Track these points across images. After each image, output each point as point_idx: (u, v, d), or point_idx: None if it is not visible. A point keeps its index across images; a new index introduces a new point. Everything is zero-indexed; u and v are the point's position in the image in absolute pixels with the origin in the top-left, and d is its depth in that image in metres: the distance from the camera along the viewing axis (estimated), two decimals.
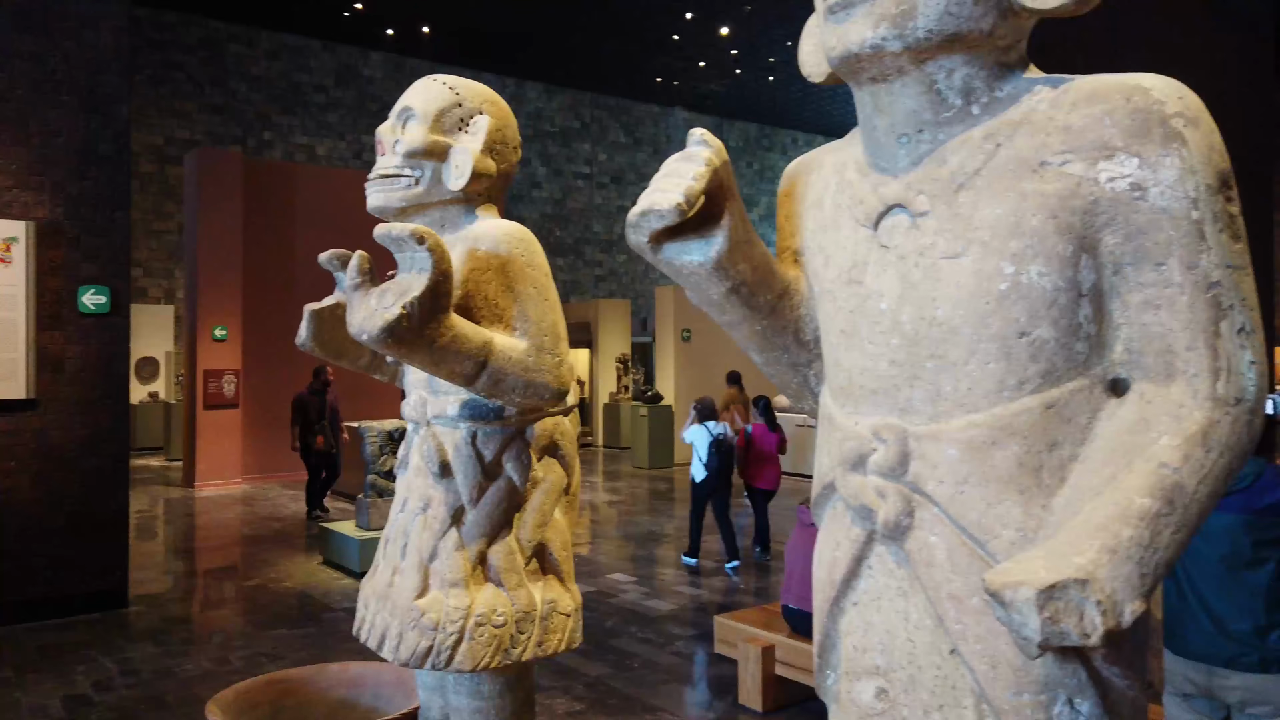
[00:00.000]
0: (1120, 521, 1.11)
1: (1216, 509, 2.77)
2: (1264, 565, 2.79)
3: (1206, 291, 1.18)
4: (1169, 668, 3.00)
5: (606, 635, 6.36)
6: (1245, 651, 2.79)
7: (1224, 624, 2.82)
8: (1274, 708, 2.78)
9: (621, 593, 7.55)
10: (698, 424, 8.41)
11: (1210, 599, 2.85)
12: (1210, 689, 2.88)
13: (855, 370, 1.40)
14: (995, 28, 1.26)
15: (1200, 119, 1.21)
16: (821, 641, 1.49)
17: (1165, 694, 3.06)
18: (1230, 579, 2.82)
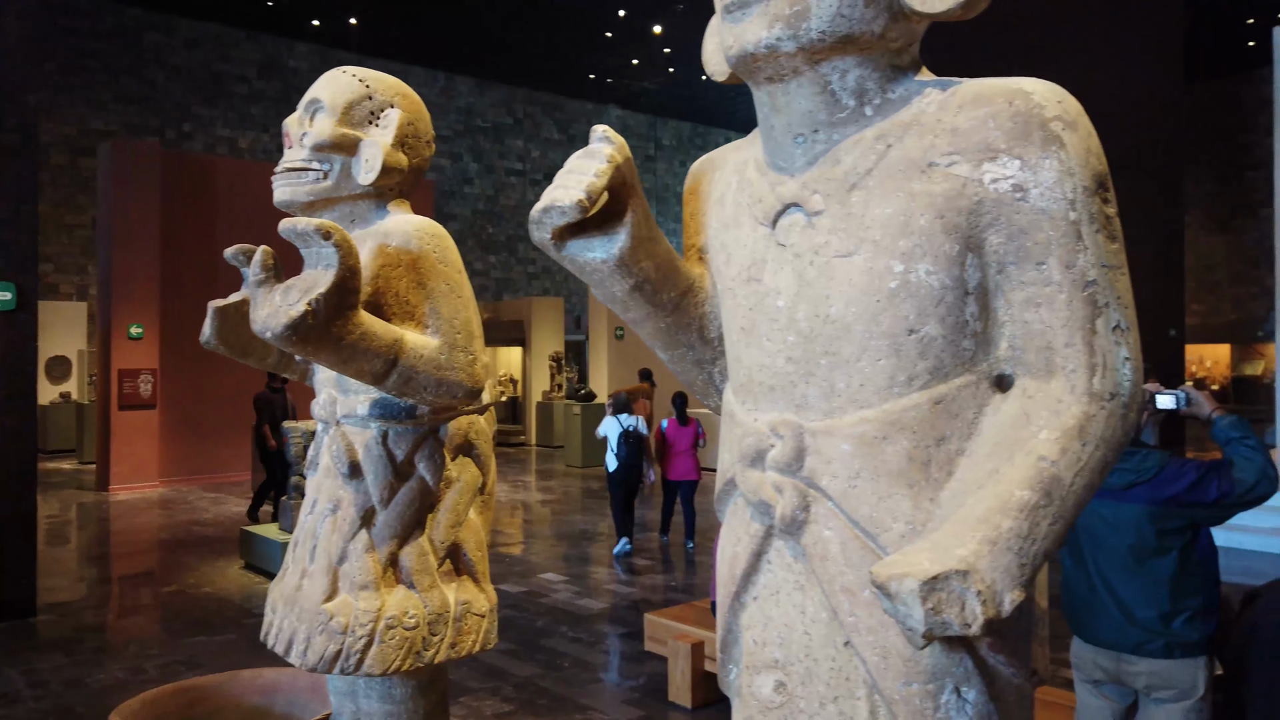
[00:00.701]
0: (1000, 514, 1.14)
1: (1123, 500, 2.91)
2: (1168, 554, 2.89)
3: (1083, 290, 1.22)
4: (1080, 655, 3.10)
5: (537, 635, 6.33)
6: (1151, 638, 2.89)
7: (1131, 612, 2.92)
8: (1178, 691, 2.89)
9: (553, 592, 7.52)
10: (610, 416, 8.94)
11: (1118, 588, 2.95)
12: (1119, 675, 2.99)
13: (754, 367, 1.42)
14: (887, 30, 1.29)
15: (1078, 122, 1.25)
16: (724, 637, 1.50)
17: (1076, 681, 3.16)
18: (1137, 568, 2.92)
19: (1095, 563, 3.01)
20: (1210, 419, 2.98)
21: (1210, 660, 2.94)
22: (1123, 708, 3.07)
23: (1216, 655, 3.06)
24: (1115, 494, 2.94)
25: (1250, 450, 2.84)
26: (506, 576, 7.97)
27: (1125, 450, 2.89)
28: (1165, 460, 2.91)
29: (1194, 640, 2.87)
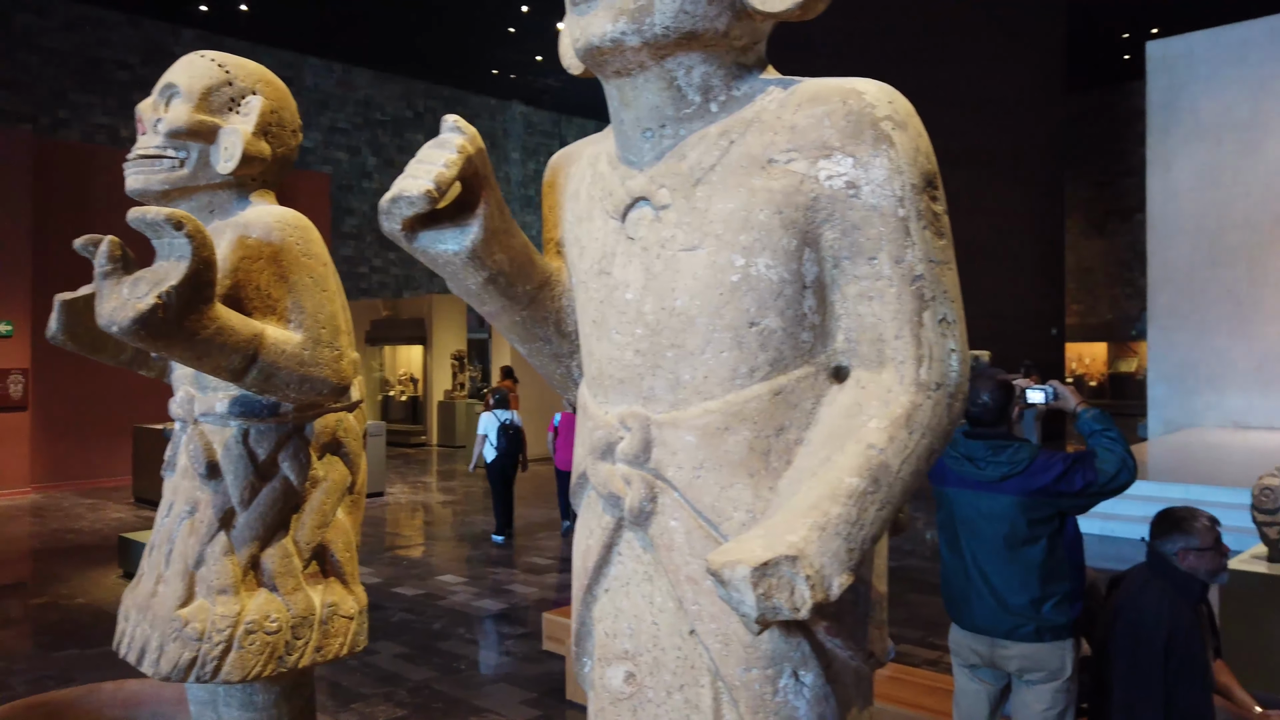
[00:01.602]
0: (830, 500, 1.17)
1: (997, 491, 3.01)
2: (1038, 542, 3.01)
3: (911, 284, 1.26)
4: (957, 641, 3.21)
5: (433, 638, 6.21)
6: (1023, 623, 3.00)
7: (1004, 598, 3.03)
8: (1048, 672, 3.01)
9: (451, 594, 7.40)
10: (488, 412, 9.53)
11: (992, 576, 3.05)
12: (993, 659, 3.09)
13: (605, 360, 1.43)
14: (730, 28, 1.31)
15: (908, 123, 1.30)
16: (578, 630, 1.52)
17: (954, 666, 3.27)
18: (1009, 556, 3.03)
19: (972, 553, 3.11)
20: (1075, 412, 3.11)
21: (1077, 642, 3.08)
22: (997, 690, 3.18)
23: (1084, 637, 3.20)
24: (990, 486, 3.04)
25: (1111, 441, 2.98)
26: (404, 579, 7.81)
27: (999, 445, 3.02)
28: (1035, 453, 3.02)
29: (1062, 624, 2.99)
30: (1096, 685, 3.12)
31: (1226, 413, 13.34)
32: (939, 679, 4.07)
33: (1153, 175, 14.29)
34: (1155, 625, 2.90)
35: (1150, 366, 14.55)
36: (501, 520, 9.50)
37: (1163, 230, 14.10)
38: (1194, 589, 2.99)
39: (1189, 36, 14.09)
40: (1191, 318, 13.71)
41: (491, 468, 9.46)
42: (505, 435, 9.39)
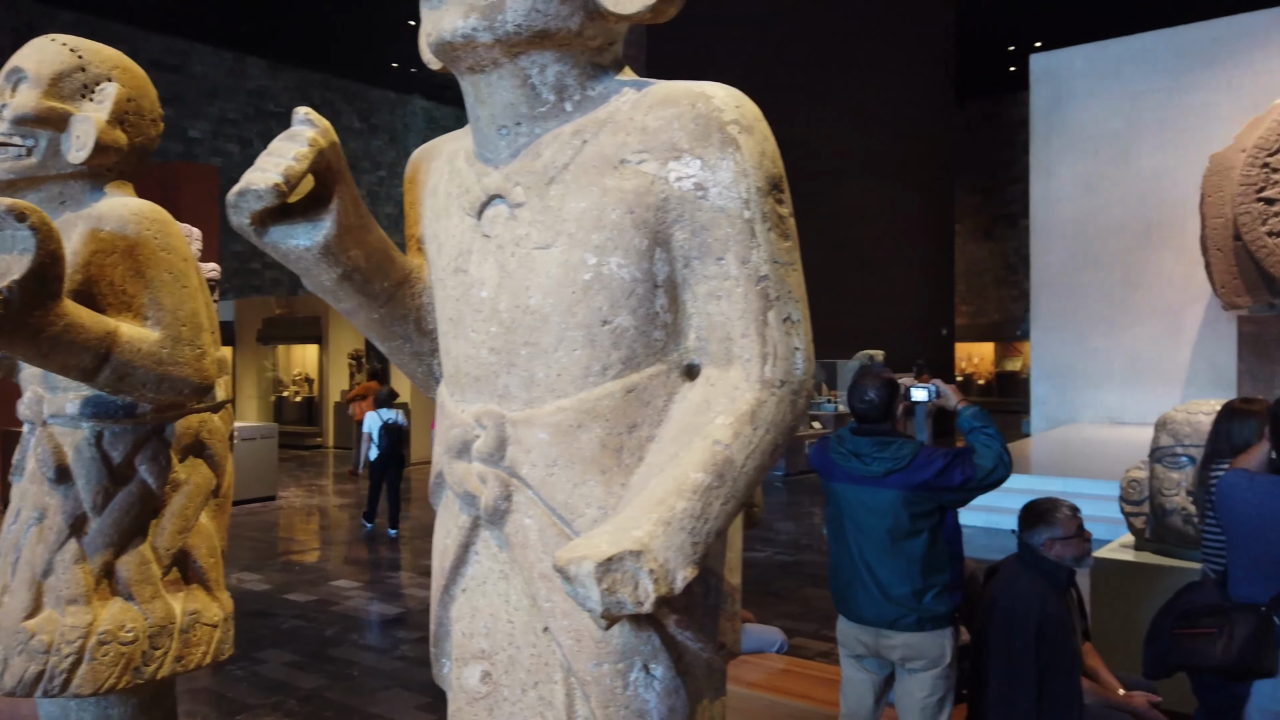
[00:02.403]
0: (676, 495, 1.19)
1: (881, 486, 3.08)
2: (920, 535, 3.10)
3: (757, 284, 1.29)
4: (844, 632, 3.28)
5: (325, 645, 6.03)
6: (905, 613, 3.08)
7: (887, 590, 3.11)
8: (929, 660, 3.10)
9: (345, 599, 7.21)
10: (372, 411, 9.85)
11: (876, 568, 3.13)
12: (878, 649, 3.17)
13: (461, 358, 1.43)
14: (584, 28, 1.32)
15: (755, 127, 1.32)
16: (436, 631, 1.51)
17: (841, 656, 3.34)
18: (893, 549, 3.11)
19: (858, 546, 3.18)
20: (956, 410, 3.21)
21: (956, 631, 3.18)
22: (881, 679, 3.26)
23: (964, 625, 3.31)
24: (875, 481, 3.11)
25: (989, 438, 3.08)
26: (295, 585, 7.57)
27: (884, 441, 3.10)
28: (918, 449, 3.11)
29: (942, 613, 3.09)
30: (975, 671, 3.24)
31: (1102, 409, 14.04)
32: (829, 670, 4.15)
33: (1035, 183, 14.92)
34: (1027, 613, 3.02)
35: (1033, 365, 15.21)
36: (373, 510, 9.82)
37: (1044, 235, 14.74)
38: (1061, 577, 3.13)
39: (1069, 51, 14.76)
40: (1071, 319, 14.38)
41: (374, 466, 9.70)
42: (387, 434, 9.64)
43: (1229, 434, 3.43)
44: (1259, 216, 11.45)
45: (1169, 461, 4.44)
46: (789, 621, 6.04)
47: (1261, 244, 11.45)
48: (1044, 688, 3.02)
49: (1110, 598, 4.52)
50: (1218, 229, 12.01)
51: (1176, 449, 4.43)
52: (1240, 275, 11.88)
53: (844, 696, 3.34)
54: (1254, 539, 2.58)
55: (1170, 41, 13.73)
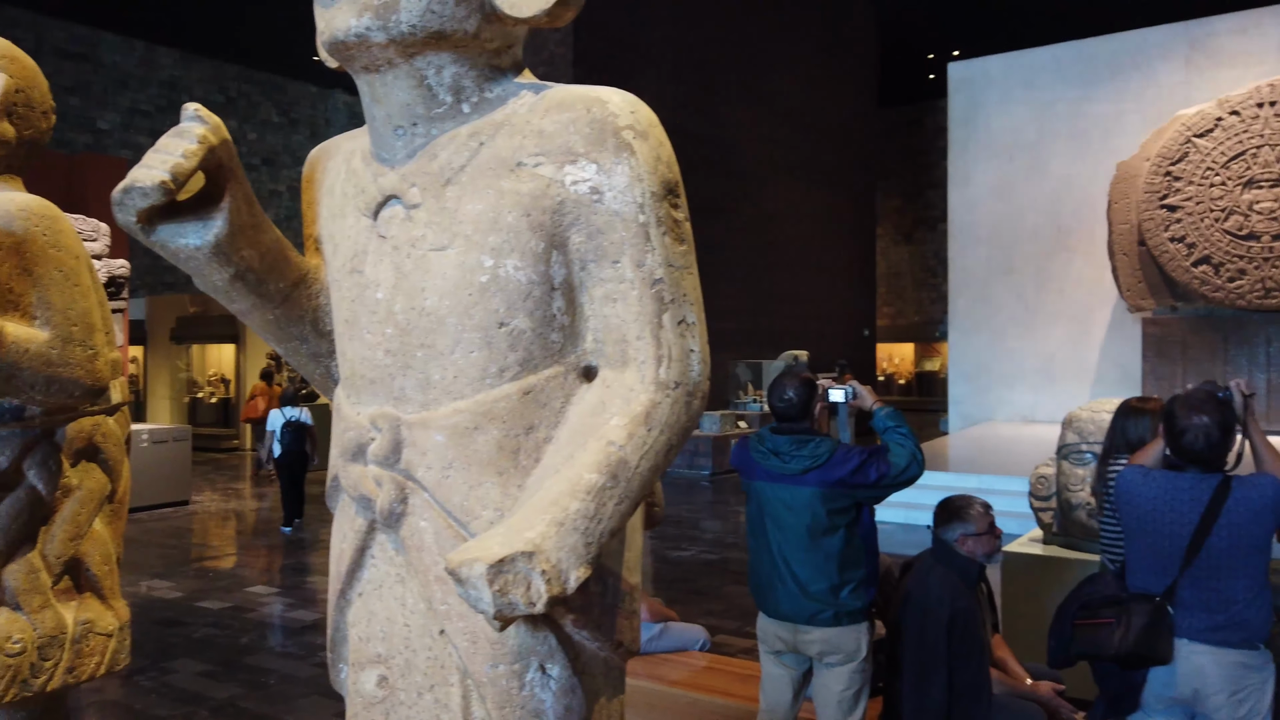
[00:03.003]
0: (569, 496, 1.20)
1: (799, 484, 3.12)
2: (837, 532, 3.14)
3: (651, 287, 1.31)
4: (764, 628, 3.31)
5: (240, 653, 5.86)
6: (822, 609, 3.13)
7: (805, 586, 3.15)
8: (845, 655, 3.15)
9: (261, 606, 7.02)
10: (276, 410, 9.96)
11: (794, 565, 3.17)
12: (796, 644, 3.21)
13: (357, 360, 1.42)
14: (481, 30, 1.32)
15: (650, 133, 1.34)
16: (332, 635, 1.50)
17: (761, 653, 3.37)
18: (811, 546, 3.15)
19: (777, 543, 3.22)
20: (872, 410, 3.27)
21: (871, 625, 3.24)
22: (800, 674, 3.31)
23: (880, 620, 3.38)
24: (793, 479, 3.15)
25: (902, 437, 3.15)
26: (209, 593, 7.35)
27: (802, 439, 3.14)
28: (835, 447, 3.16)
29: (858, 608, 3.14)
30: (890, 664, 3.30)
31: (1016, 408, 14.50)
32: (750, 666, 4.19)
33: (953, 188, 15.34)
34: (939, 607, 3.10)
35: (950, 366, 15.63)
36: (290, 512, 9.82)
37: (962, 239, 15.16)
38: (973, 572, 3.22)
39: (985, 60, 15.21)
40: (986, 320, 14.82)
41: (279, 464, 9.79)
42: (290, 432, 9.74)
43: (1125, 431, 3.57)
44: (1162, 223, 11.96)
45: (1075, 458, 4.60)
46: (713, 619, 6.09)
47: (1164, 249, 11.97)
48: (955, 679, 3.10)
49: (1020, 590, 4.66)
50: (1124, 234, 12.51)
51: (1082, 446, 4.59)
52: (1144, 279, 12.40)
53: (763, 692, 3.37)
54: (1149, 532, 2.69)
55: (1079, 53, 14.25)
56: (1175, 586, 2.63)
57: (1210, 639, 2.58)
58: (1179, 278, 11.93)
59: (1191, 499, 2.62)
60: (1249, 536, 2.56)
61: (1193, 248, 11.83)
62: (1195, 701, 2.61)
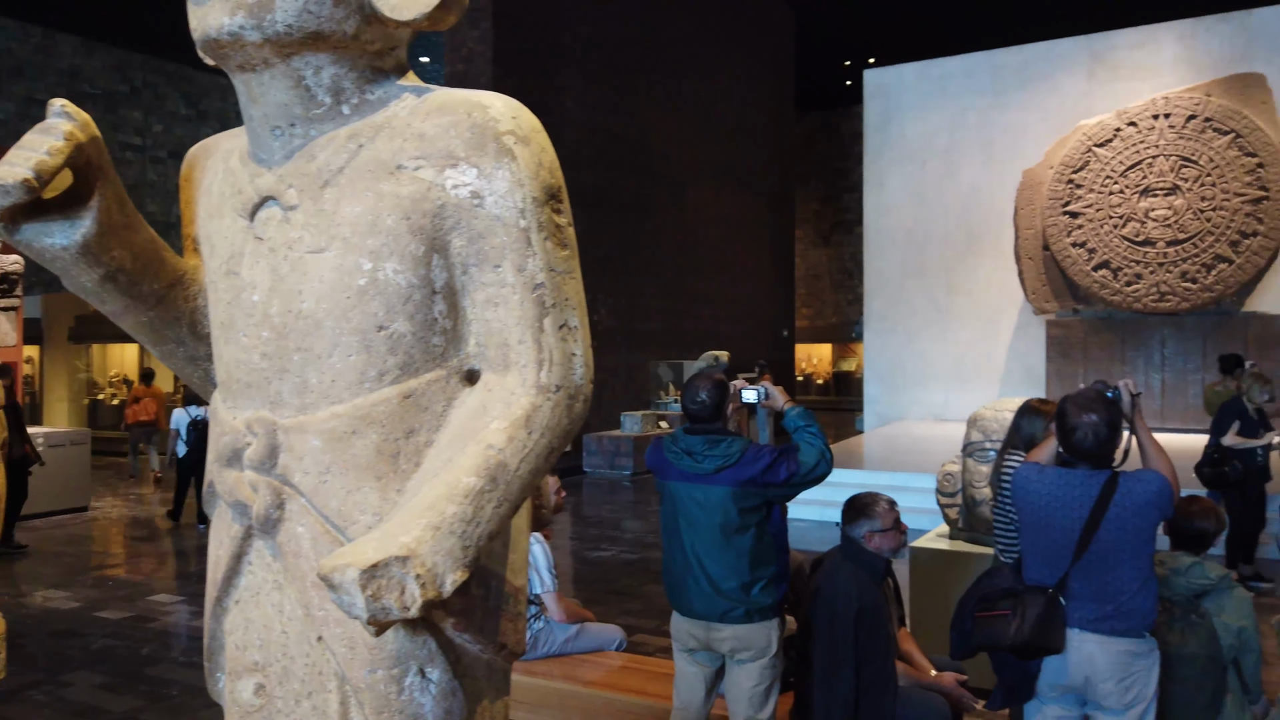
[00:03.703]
0: (447, 500, 1.20)
1: (712, 483, 3.16)
2: (748, 530, 3.19)
3: (533, 291, 1.32)
4: (677, 627, 3.34)
5: (142, 664, 5.66)
6: (734, 606, 3.17)
7: (718, 584, 3.18)
8: (756, 651, 3.20)
9: (165, 614, 6.78)
10: (181, 409, 10.00)
11: (707, 563, 3.20)
12: (709, 642, 3.24)
13: (233, 363, 1.40)
14: (360, 32, 1.31)
15: (531, 138, 1.35)
16: (209, 644, 1.48)
17: (675, 651, 3.39)
18: (724, 544, 3.18)
19: (690, 542, 3.24)
20: (783, 410, 3.32)
21: (782, 621, 3.29)
22: (713, 671, 3.34)
23: (792, 615, 3.43)
24: (706, 478, 3.18)
25: (812, 437, 3.21)
26: (109, 602, 7.07)
27: (714, 439, 3.17)
28: (746, 446, 3.20)
29: (768, 605, 3.19)
30: (801, 659, 3.36)
31: (929, 407, 14.91)
32: (666, 665, 4.21)
33: (868, 193, 15.70)
34: (847, 602, 3.17)
35: (866, 366, 16.00)
36: (179, 509, 9.95)
37: (877, 243, 15.53)
38: (879, 567, 3.30)
39: (900, 68, 15.60)
40: (900, 322, 15.21)
41: (182, 464, 9.78)
42: (195, 430, 9.69)
43: (1019, 429, 3.70)
44: (1064, 229, 12.45)
45: (979, 455, 4.75)
46: (631, 619, 6.11)
47: (1066, 254, 12.46)
48: (862, 672, 3.18)
49: (927, 584, 4.79)
50: (1029, 239, 12.99)
51: (985, 444, 4.74)
52: (1049, 282, 12.89)
53: (677, 690, 3.40)
54: (1043, 526, 2.80)
55: (989, 63, 14.73)
56: (1066, 578, 2.74)
57: (1099, 628, 2.69)
58: (1080, 281, 12.43)
59: (1081, 494, 2.73)
60: (1135, 530, 2.68)
61: (1093, 253, 12.34)
62: (1086, 688, 2.72)
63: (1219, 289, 11.67)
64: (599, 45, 13.44)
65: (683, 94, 15.79)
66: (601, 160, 13.38)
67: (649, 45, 14.85)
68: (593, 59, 13.30)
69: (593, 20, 13.34)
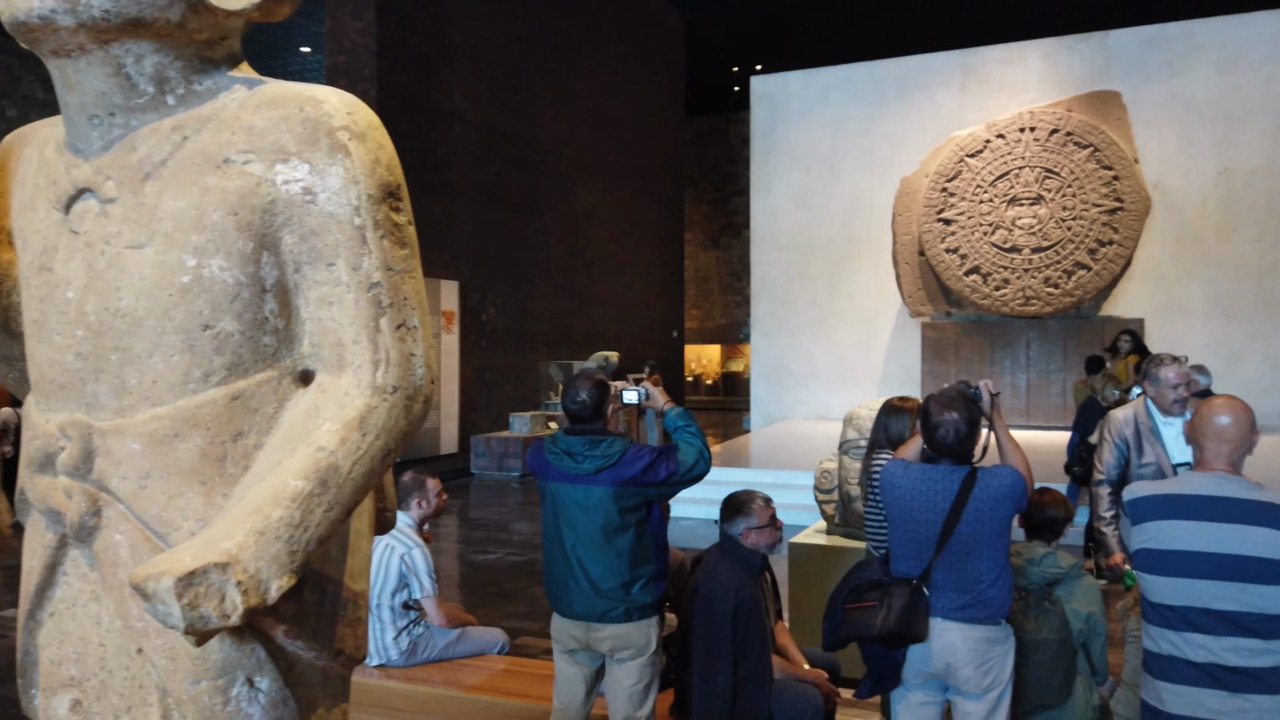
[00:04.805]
0: (273, 504, 1.17)
1: (592, 483, 3.16)
2: (629, 530, 3.20)
3: (368, 291, 1.30)
4: (557, 628, 3.33)
5: None
6: (614, 606, 3.18)
7: (598, 584, 3.19)
8: (636, 649, 3.22)
9: (11, 631, 6.35)
10: (9, 406, 9.62)
11: (587, 564, 3.20)
12: (589, 642, 3.25)
13: (46, 363, 1.34)
14: (186, 19, 1.27)
15: (368, 135, 1.32)
16: (22, 660, 1.42)
17: (555, 652, 3.39)
18: (605, 544, 3.19)
19: (570, 543, 3.24)
20: (663, 411, 3.36)
21: (661, 619, 3.32)
22: (593, 671, 3.35)
23: (674, 613, 3.47)
24: (587, 478, 3.18)
25: (691, 436, 3.25)
26: None
27: (595, 439, 3.18)
28: (627, 446, 3.22)
29: (648, 603, 3.22)
30: (681, 655, 3.41)
31: (812, 406, 15.32)
32: (549, 666, 4.19)
33: (755, 197, 16.03)
34: (724, 598, 3.23)
35: (753, 366, 16.33)
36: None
37: (763, 246, 15.87)
38: (756, 563, 3.38)
39: (785, 75, 15.98)
40: (785, 324, 15.58)
41: (9, 464, 9.34)
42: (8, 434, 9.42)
43: (886, 428, 3.85)
44: (939, 235, 12.99)
45: (854, 453, 4.90)
46: (516, 621, 6.07)
47: (940, 259, 13.00)
48: (740, 666, 3.24)
49: (805, 579, 4.92)
50: (906, 245, 13.50)
51: (860, 441, 4.90)
52: (924, 286, 13.43)
53: (557, 691, 3.40)
54: (908, 520, 2.91)
55: (870, 73, 15.24)
56: (930, 570, 2.85)
57: (960, 616, 2.82)
58: (953, 286, 12.99)
59: (943, 489, 2.85)
60: (992, 522, 2.82)
61: (965, 258, 12.91)
62: (947, 674, 2.84)
63: (1079, 294, 12.37)
64: (488, 41, 13.30)
65: (574, 94, 15.77)
66: (490, 158, 13.24)
67: (539, 44, 14.77)
68: (481, 55, 13.14)
69: (482, 16, 13.18)
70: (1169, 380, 3.81)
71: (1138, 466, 3.88)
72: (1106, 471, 3.97)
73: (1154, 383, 3.87)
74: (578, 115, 15.90)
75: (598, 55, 16.66)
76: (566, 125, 15.48)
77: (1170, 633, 2.54)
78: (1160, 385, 3.84)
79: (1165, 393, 3.81)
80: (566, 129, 15.47)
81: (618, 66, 17.47)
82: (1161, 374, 3.84)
